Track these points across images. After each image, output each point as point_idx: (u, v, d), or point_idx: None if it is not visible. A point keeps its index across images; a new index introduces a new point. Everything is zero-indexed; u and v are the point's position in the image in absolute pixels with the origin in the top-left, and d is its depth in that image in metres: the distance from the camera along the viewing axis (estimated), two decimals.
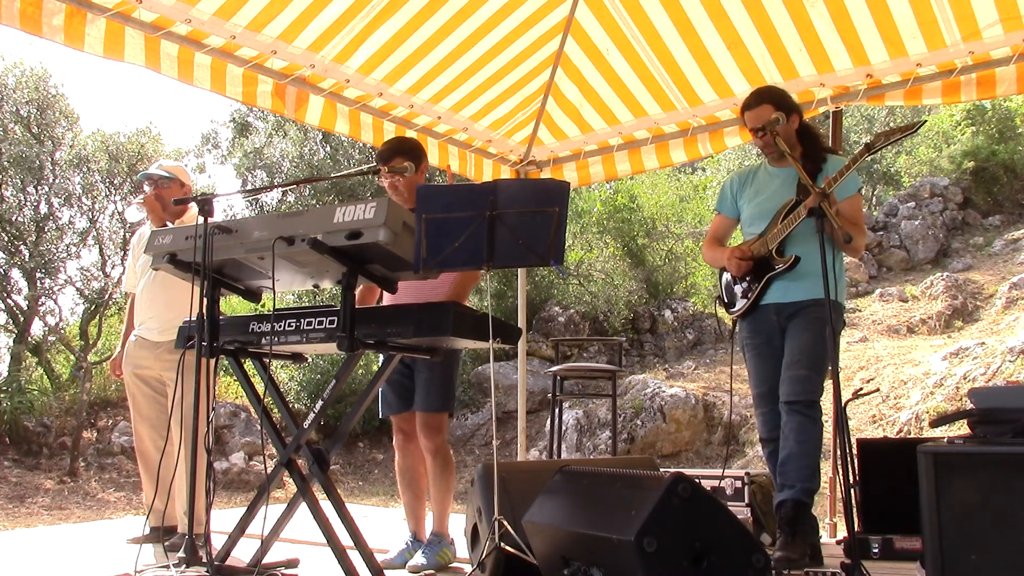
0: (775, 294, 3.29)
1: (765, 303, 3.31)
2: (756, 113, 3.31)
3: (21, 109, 10.58)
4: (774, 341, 3.31)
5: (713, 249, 3.56)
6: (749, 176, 3.52)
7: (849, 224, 3.16)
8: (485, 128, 5.05)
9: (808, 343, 3.16)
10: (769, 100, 3.31)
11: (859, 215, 3.31)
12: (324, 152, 13.34)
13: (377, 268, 2.69)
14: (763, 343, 3.34)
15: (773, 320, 3.30)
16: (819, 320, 3.14)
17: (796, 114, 3.33)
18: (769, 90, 3.46)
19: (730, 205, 3.55)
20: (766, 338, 3.33)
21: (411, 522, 3.52)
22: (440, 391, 3.39)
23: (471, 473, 3.79)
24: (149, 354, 3.91)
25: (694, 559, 2.16)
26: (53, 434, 9.43)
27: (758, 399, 3.39)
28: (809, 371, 3.14)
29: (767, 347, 3.33)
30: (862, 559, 2.73)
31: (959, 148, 13.78)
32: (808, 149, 3.31)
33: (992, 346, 8.29)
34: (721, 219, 3.61)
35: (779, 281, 3.28)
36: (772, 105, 3.28)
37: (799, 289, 3.23)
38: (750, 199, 3.46)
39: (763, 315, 3.32)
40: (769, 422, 3.34)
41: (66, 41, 3.33)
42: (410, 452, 3.50)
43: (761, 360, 3.36)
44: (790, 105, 3.34)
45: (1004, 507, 2.19)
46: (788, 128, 3.28)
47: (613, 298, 12.07)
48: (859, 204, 3.33)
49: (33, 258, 10.48)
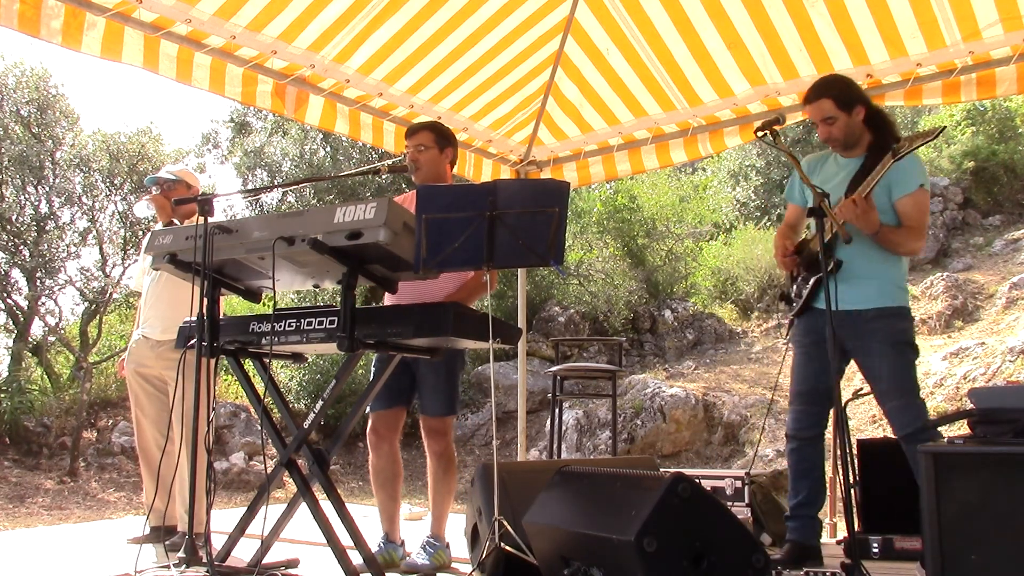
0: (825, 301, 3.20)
1: (818, 306, 3.19)
2: (814, 108, 3.21)
3: (21, 109, 10.58)
4: (824, 348, 3.13)
5: (782, 239, 3.43)
6: (818, 163, 3.37)
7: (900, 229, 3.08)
8: (485, 128, 5.05)
9: (887, 370, 3.06)
10: (829, 95, 3.18)
11: (916, 215, 3.12)
12: (324, 152, 13.35)
13: (377, 268, 2.69)
14: (812, 344, 3.25)
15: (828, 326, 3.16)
16: (891, 337, 3.06)
17: (860, 105, 3.18)
18: (830, 84, 3.26)
19: (799, 193, 3.43)
20: (815, 339, 3.21)
21: (385, 523, 3.47)
22: (445, 395, 3.39)
23: (471, 473, 3.79)
24: (151, 353, 3.92)
25: (694, 559, 2.16)
26: (53, 434, 9.43)
27: (794, 396, 3.32)
28: (903, 399, 3.03)
29: (815, 348, 3.23)
30: (862, 559, 2.73)
31: (959, 148, 13.77)
32: (877, 139, 3.17)
33: (992, 346, 8.30)
34: (791, 207, 3.48)
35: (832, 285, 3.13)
36: (832, 101, 3.16)
37: (856, 295, 3.10)
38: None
39: (816, 318, 3.20)
40: (799, 420, 3.28)
41: (63, 42, 3.32)
42: (383, 452, 3.45)
43: (807, 360, 3.28)
44: (852, 98, 3.18)
45: (1004, 507, 2.19)
46: (852, 121, 3.16)
47: (613, 298, 12.07)
48: (919, 202, 3.12)
49: (33, 258, 10.48)
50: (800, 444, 3.28)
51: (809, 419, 3.26)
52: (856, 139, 3.21)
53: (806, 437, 3.27)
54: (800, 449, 3.29)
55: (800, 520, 3.28)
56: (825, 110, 3.18)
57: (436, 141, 3.46)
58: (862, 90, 3.30)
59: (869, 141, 3.20)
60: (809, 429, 3.26)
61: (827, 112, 3.17)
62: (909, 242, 3.13)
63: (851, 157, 3.25)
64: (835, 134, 3.19)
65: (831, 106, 3.17)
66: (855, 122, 3.18)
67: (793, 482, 3.32)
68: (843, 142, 3.20)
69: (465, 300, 3.31)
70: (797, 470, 3.31)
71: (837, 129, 3.18)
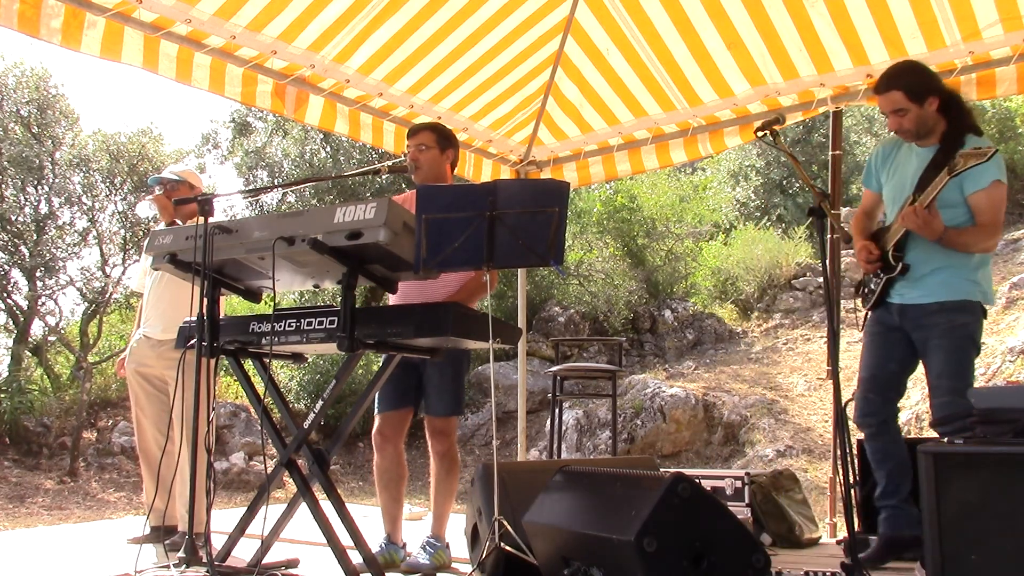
0: (897, 294, 3.18)
1: (890, 301, 3.20)
2: (885, 99, 3.11)
3: (21, 109, 10.59)
4: (892, 335, 3.19)
5: (858, 227, 3.38)
6: (893, 150, 3.29)
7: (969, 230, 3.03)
8: (485, 128, 5.05)
9: (942, 363, 3.04)
10: (899, 85, 3.06)
11: (989, 209, 3.02)
12: (325, 152, 13.34)
13: (377, 268, 2.69)
14: (879, 332, 3.25)
15: (896, 319, 3.19)
16: (952, 330, 3.03)
17: (933, 96, 3.06)
18: (902, 73, 3.13)
19: (875, 180, 3.37)
20: (883, 329, 3.23)
21: (387, 524, 3.48)
22: (451, 395, 3.39)
23: (471, 473, 3.79)
24: (152, 352, 3.92)
25: (694, 559, 2.16)
26: (53, 434, 9.43)
27: (860, 382, 3.30)
28: (951, 396, 2.99)
29: (880, 337, 3.24)
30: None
31: None
32: (952, 128, 3.08)
33: (992, 346, 8.29)
34: (867, 194, 3.43)
35: (898, 284, 3.17)
36: (903, 92, 3.05)
37: (919, 290, 3.10)
38: (889, 177, 3.28)
39: (887, 311, 3.21)
40: (862, 408, 3.26)
41: (63, 42, 3.32)
42: (387, 453, 3.45)
43: (874, 347, 3.27)
44: (925, 88, 3.07)
45: (1004, 507, 2.19)
46: (925, 112, 3.06)
47: (613, 298, 12.07)
48: (992, 197, 3.01)
49: (33, 258, 10.48)
50: (869, 434, 3.26)
51: (870, 406, 3.23)
52: (929, 129, 3.11)
53: (871, 425, 3.24)
54: (871, 439, 3.26)
55: (886, 511, 3.22)
56: (896, 101, 3.07)
57: (437, 142, 3.46)
58: (936, 77, 3.19)
59: (944, 130, 3.10)
60: (872, 416, 3.23)
61: (898, 103, 3.06)
62: (981, 241, 3.05)
63: (924, 146, 3.15)
64: (906, 125, 3.10)
65: (901, 97, 3.06)
66: (928, 113, 3.07)
67: (874, 473, 3.28)
68: (915, 133, 3.12)
69: (465, 301, 3.31)
70: (872, 460, 3.27)
71: (908, 121, 3.09)
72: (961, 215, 3.06)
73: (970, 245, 3.06)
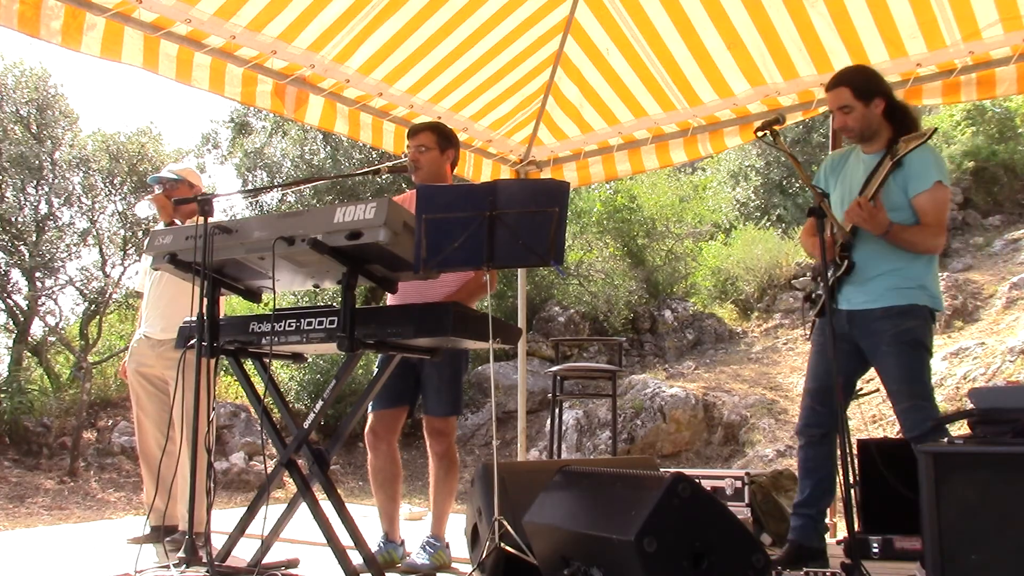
0: (844, 299, 3.17)
1: (838, 308, 3.18)
2: (833, 95, 3.17)
3: (21, 109, 10.58)
4: (841, 345, 3.13)
5: (810, 236, 3.35)
6: (842, 158, 3.34)
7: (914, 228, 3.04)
8: (485, 128, 5.05)
9: (895, 369, 3.03)
10: (847, 83, 3.14)
11: (934, 211, 3.05)
12: (324, 152, 13.35)
13: (377, 268, 2.69)
14: (826, 342, 3.22)
15: (845, 326, 3.16)
16: (897, 337, 3.03)
17: (880, 98, 3.12)
18: (852, 73, 3.23)
19: (823, 186, 3.38)
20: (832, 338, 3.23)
21: (384, 522, 3.48)
22: (449, 395, 3.38)
23: (471, 473, 3.79)
24: (152, 352, 3.92)
25: (694, 559, 2.16)
26: (53, 434, 9.43)
27: (805, 392, 3.33)
28: (911, 401, 3.00)
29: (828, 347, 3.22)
30: (862, 559, 2.73)
31: (959, 148, 13.77)
32: (896, 135, 3.12)
33: (992, 346, 8.30)
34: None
35: (847, 285, 3.16)
36: (850, 90, 3.11)
37: (866, 295, 3.10)
38: (837, 184, 3.31)
39: (837, 319, 3.17)
40: (807, 417, 3.28)
41: (63, 42, 3.32)
42: (381, 452, 3.45)
43: (819, 358, 3.28)
44: (872, 89, 3.13)
45: (1004, 507, 2.19)
46: (869, 112, 3.11)
47: (613, 298, 12.07)
48: (935, 198, 3.04)
49: (33, 258, 10.47)
50: (808, 441, 3.28)
51: (817, 417, 3.24)
52: (873, 132, 3.16)
53: (813, 435, 3.26)
54: (807, 447, 3.28)
55: (801, 519, 3.28)
56: (842, 98, 3.13)
57: (438, 142, 3.46)
58: (885, 83, 3.24)
59: (888, 137, 3.15)
60: (817, 427, 3.24)
61: (844, 101, 3.13)
62: (926, 240, 3.06)
63: (871, 153, 3.19)
64: (850, 124, 3.14)
65: (848, 94, 3.12)
66: (872, 114, 3.12)
67: (800, 480, 3.33)
68: (859, 133, 3.16)
69: (465, 301, 3.31)
70: (803, 468, 3.31)
71: (853, 119, 3.13)
72: (906, 218, 3.08)
73: (916, 244, 3.06)
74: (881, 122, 3.15)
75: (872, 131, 3.15)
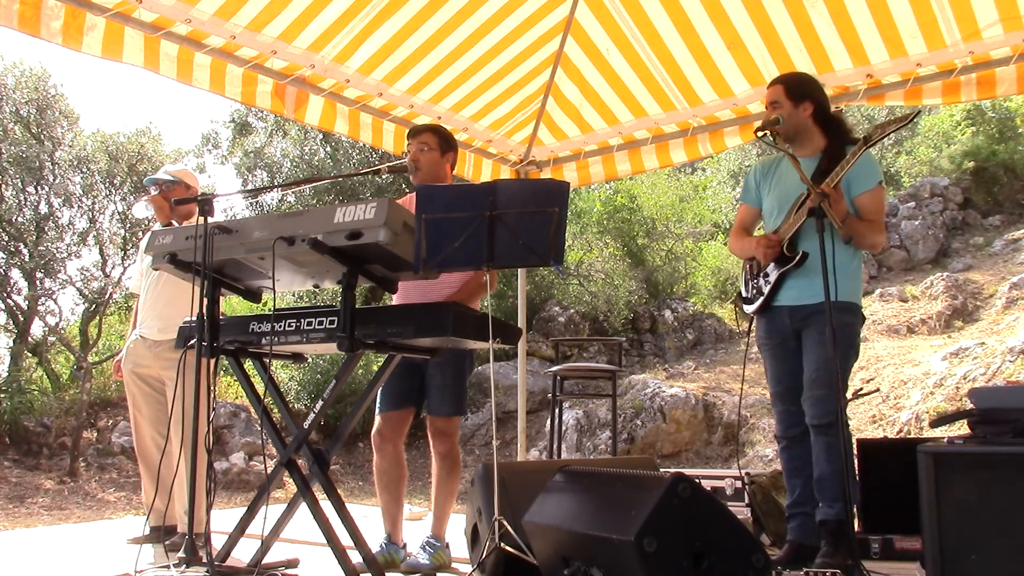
0: (788, 294, 3.24)
1: (779, 304, 3.27)
2: (768, 92, 3.33)
3: (21, 109, 10.58)
4: (789, 343, 3.27)
5: (740, 239, 3.49)
6: (772, 165, 3.44)
7: (864, 221, 3.14)
8: (485, 128, 5.04)
9: (822, 360, 3.10)
10: (782, 83, 3.29)
11: (876, 210, 3.21)
12: (324, 152, 13.35)
13: (377, 268, 2.69)
14: (779, 344, 3.32)
15: (787, 323, 3.26)
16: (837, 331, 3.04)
17: (809, 101, 3.24)
18: (790, 75, 3.41)
19: (754, 195, 3.48)
20: (781, 339, 3.30)
21: (387, 524, 3.47)
22: (453, 395, 3.38)
23: (471, 473, 3.79)
24: (148, 353, 3.92)
25: (694, 559, 2.16)
26: (53, 434, 9.43)
27: (774, 397, 3.37)
28: (828, 390, 3.06)
29: (782, 348, 3.30)
30: (862, 559, 2.73)
31: (959, 148, 13.78)
32: (833, 143, 3.22)
33: (992, 346, 8.30)
34: (746, 209, 3.53)
35: (791, 279, 3.23)
36: (784, 89, 3.25)
37: (811, 290, 3.15)
38: (771, 190, 3.39)
39: (778, 316, 3.29)
40: (784, 420, 3.31)
41: (64, 43, 3.31)
42: (387, 453, 3.45)
43: (777, 361, 3.34)
44: (803, 92, 3.25)
45: (1004, 507, 2.19)
46: (797, 114, 3.22)
47: (613, 298, 12.07)
48: (878, 197, 3.21)
49: (33, 258, 10.48)
50: (789, 443, 3.31)
51: (792, 417, 3.27)
52: (798, 134, 3.25)
53: (793, 436, 3.28)
54: (789, 448, 3.31)
55: (798, 519, 3.29)
56: (775, 95, 3.26)
57: (438, 143, 3.46)
58: (822, 92, 3.34)
59: (824, 145, 3.24)
60: (795, 427, 3.26)
61: (775, 98, 3.25)
62: (873, 234, 3.16)
63: (804, 157, 3.27)
64: (773, 142, 3.22)
65: (781, 93, 3.25)
66: (800, 116, 3.23)
67: (787, 481, 3.34)
68: (784, 132, 3.23)
69: (465, 301, 3.31)
70: (789, 469, 3.33)
71: (780, 132, 3.21)
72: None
73: (865, 236, 3.15)
74: (811, 127, 3.25)
75: (796, 132, 3.25)
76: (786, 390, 3.29)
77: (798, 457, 3.28)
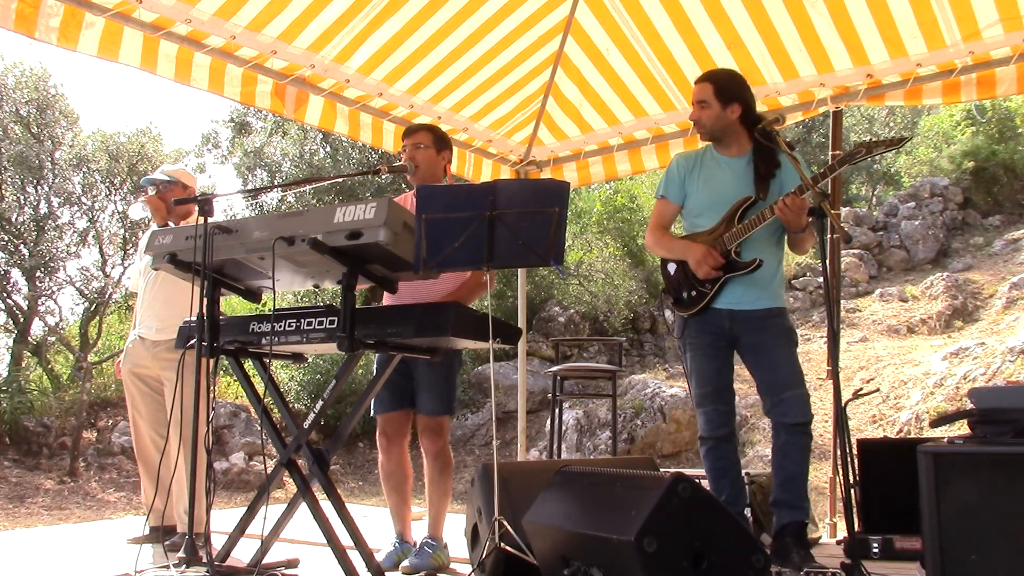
0: (730, 298, 3.17)
1: (718, 306, 3.19)
2: (697, 88, 3.26)
3: (21, 109, 10.58)
4: (719, 343, 3.21)
5: (665, 238, 3.36)
6: (696, 160, 3.33)
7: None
8: (485, 128, 5.04)
9: (786, 360, 3.13)
10: (712, 81, 3.23)
11: None
12: (324, 152, 13.35)
13: (377, 268, 2.69)
14: (707, 344, 3.23)
15: (725, 325, 3.19)
16: (787, 332, 3.19)
17: (737, 103, 3.18)
18: (721, 73, 3.36)
19: (677, 190, 3.34)
20: (711, 339, 3.22)
21: (397, 524, 3.49)
22: (442, 394, 3.38)
23: (471, 473, 3.79)
24: (147, 353, 3.91)
25: (694, 559, 2.16)
26: (53, 434, 9.43)
27: (700, 398, 3.26)
28: (800, 388, 3.11)
29: (712, 349, 3.22)
30: (862, 559, 2.73)
31: (959, 148, 13.78)
32: (761, 148, 3.17)
33: (992, 346, 8.30)
34: (667, 205, 3.38)
35: (736, 284, 3.16)
36: (713, 88, 3.19)
37: (757, 297, 3.14)
38: (699, 187, 3.29)
39: (714, 318, 3.20)
40: (712, 420, 3.22)
41: (59, 42, 3.30)
42: (393, 455, 3.46)
43: (706, 361, 3.24)
44: (733, 94, 3.19)
45: (1004, 507, 2.19)
46: (725, 115, 3.18)
47: (613, 298, 12.07)
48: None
49: (33, 258, 10.47)
50: (716, 443, 3.22)
51: (721, 417, 3.21)
52: (723, 134, 3.22)
53: (720, 436, 3.22)
54: (716, 448, 3.22)
55: None
56: (703, 93, 3.22)
57: (434, 141, 3.46)
58: (750, 93, 3.29)
59: (751, 146, 3.22)
60: (721, 428, 3.21)
61: (704, 96, 3.21)
62: (810, 241, 3.23)
63: (732, 156, 3.25)
64: (703, 120, 3.23)
65: (710, 91, 3.21)
66: (727, 118, 3.19)
67: (713, 483, 3.23)
68: (709, 131, 3.24)
69: (464, 299, 3.31)
70: (716, 470, 3.23)
71: (707, 116, 3.21)
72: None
73: (807, 244, 3.24)
74: (738, 129, 3.22)
75: (722, 132, 3.23)
76: (714, 390, 3.23)
77: (724, 457, 3.22)
